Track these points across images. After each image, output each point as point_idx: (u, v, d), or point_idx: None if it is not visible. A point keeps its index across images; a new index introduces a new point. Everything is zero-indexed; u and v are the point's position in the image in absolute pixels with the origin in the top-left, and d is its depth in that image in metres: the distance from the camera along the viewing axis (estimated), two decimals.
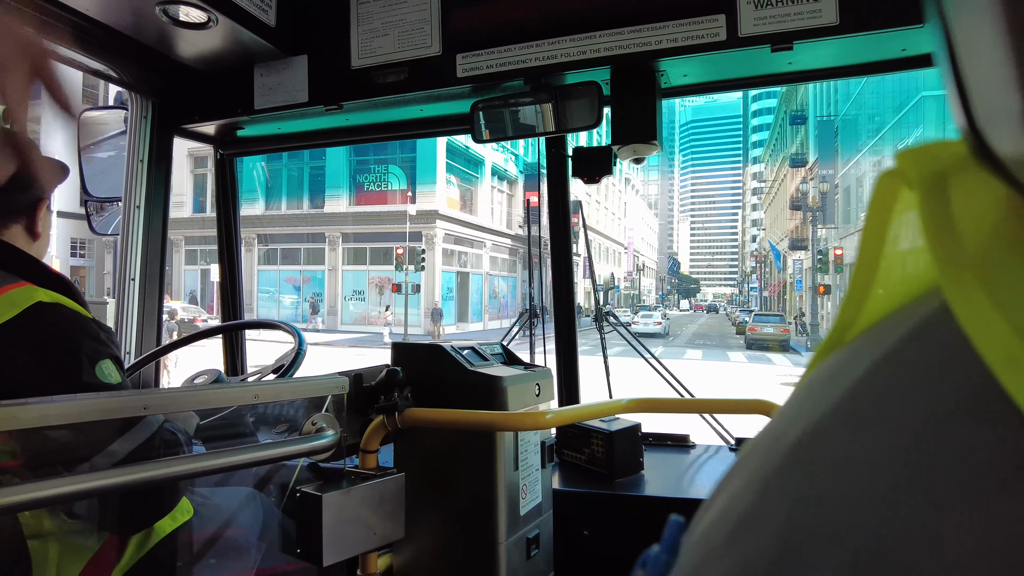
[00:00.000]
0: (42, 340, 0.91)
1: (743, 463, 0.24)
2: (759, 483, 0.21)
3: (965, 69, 0.21)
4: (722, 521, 0.22)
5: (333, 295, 24.75)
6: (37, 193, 1.08)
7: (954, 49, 0.21)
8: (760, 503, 0.20)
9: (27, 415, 0.72)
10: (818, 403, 0.21)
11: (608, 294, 8.85)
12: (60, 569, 0.91)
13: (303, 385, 1.17)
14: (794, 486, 0.20)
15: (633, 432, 1.72)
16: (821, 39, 1.35)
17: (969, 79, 0.21)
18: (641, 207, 73.78)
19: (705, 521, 0.23)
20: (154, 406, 0.86)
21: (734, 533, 0.21)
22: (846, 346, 0.24)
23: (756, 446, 0.23)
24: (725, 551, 0.21)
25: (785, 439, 0.21)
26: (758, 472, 0.22)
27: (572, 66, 1.53)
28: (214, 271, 22.87)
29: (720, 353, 20.72)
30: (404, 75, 1.67)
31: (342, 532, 1.08)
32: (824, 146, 32.06)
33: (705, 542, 0.22)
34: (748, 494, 0.21)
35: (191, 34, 1.60)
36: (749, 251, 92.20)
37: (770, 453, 0.22)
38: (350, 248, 24.74)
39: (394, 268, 21.70)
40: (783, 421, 0.23)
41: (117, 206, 1.92)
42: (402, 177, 23.73)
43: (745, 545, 0.20)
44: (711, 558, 0.21)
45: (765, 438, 0.23)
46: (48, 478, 0.76)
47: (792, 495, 0.19)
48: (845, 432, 0.19)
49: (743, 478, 0.23)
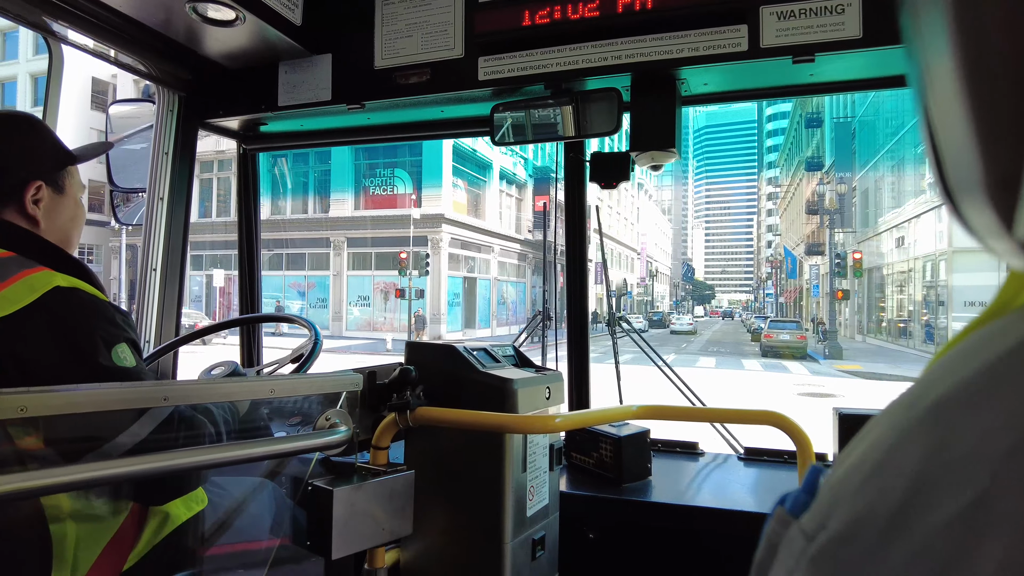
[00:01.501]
0: (60, 323, 0.93)
1: (882, 418, 0.26)
2: (897, 434, 0.24)
3: (939, 139, 0.23)
4: (860, 465, 0.24)
5: (338, 300, 24.40)
6: (23, 175, 1.08)
7: (930, 121, 0.23)
8: (896, 450, 0.23)
9: (56, 402, 0.75)
10: (965, 366, 0.23)
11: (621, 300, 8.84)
12: (78, 553, 0.94)
13: (319, 381, 1.19)
14: (928, 438, 0.22)
15: (642, 438, 1.72)
16: (844, 52, 1.35)
17: (941, 146, 0.23)
18: (655, 212, 73.39)
19: (845, 465, 0.26)
20: (174, 397, 0.88)
21: (871, 474, 0.23)
22: (1001, 319, 0.25)
23: (895, 405, 0.26)
24: (860, 489, 0.23)
25: (926, 397, 0.24)
26: (897, 425, 0.24)
27: (593, 72, 1.53)
28: (217, 276, 22.96)
29: (734, 361, 20.04)
30: (426, 76, 1.68)
31: (351, 526, 1.10)
32: (841, 148, 31.42)
33: (843, 482, 0.25)
34: (886, 443, 0.24)
35: (219, 31, 1.63)
36: (764, 257, 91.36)
37: (911, 409, 0.24)
38: (355, 253, 24.44)
39: (398, 273, 21.38)
40: (924, 384, 0.25)
41: (142, 197, 1.96)
42: (408, 181, 23.39)
43: (879, 485, 0.23)
44: (847, 495, 0.24)
45: (904, 399, 0.26)
46: (72, 462, 0.78)
47: (925, 444, 0.22)
48: (982, 395, 0.22)
49: (882, 429, 0.25)
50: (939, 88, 0.22)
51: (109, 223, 24.99)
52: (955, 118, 0.21)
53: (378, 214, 23.43)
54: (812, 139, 41.19)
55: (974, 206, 0.22)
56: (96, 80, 28.01)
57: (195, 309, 24.21)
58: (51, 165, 1.14)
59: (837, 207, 27.65)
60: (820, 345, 23.26)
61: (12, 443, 0.80)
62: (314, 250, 24.76)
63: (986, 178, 0.21)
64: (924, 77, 0.23)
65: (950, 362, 0.25)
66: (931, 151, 0.24)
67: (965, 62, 0.21)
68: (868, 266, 26.55)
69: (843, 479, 0.25)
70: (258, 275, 2.25)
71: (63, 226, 1.15)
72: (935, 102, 0.23)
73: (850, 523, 0.23)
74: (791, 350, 21.66)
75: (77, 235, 1.19)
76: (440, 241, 22.74)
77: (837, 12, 1.34)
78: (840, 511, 0.24)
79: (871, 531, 0.22)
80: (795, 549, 0.26)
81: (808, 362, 20.00)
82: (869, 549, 0.22)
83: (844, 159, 31.34)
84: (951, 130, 0.22)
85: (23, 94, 28.70)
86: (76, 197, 1.18)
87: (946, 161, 0.23)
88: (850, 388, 13.04)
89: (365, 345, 20.66)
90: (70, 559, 0.92)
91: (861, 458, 0.25)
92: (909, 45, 0.24)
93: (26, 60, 29.04)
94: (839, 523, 0.23)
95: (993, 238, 0.22)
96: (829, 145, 35.12)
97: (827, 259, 28.96)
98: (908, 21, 0.24)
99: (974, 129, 0.21)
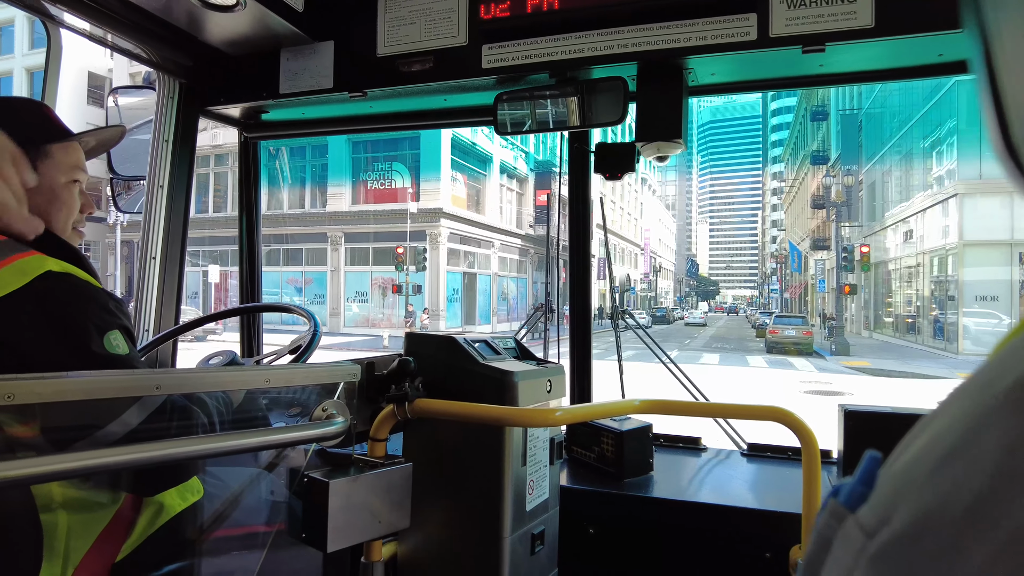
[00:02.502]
0: (51, 309, 0.91)
1: (946, 407, 0.24)
2: (971, 420, 0.22)
3: (1005, 90, 0.21)
4: (929, 453, 0.23)
5: (335, 297, 24.08)
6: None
7: (995, 69, 0.21)
8: (972, 438, 0.21)
9: (46, 389, 0.73)
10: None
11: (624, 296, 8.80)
12: (69, 543, 0.92)
13: (315, 371, 1.17)
14: (1010, 424, 0.20)
15: (644, 433, 1.70)
16: (855, 42, 1.32)
17: (1009, 100, 0.21)
18: (658, 208, 73.03)
19: (907, 456, 0.24)
20: (167, 386, 0.87)
21: (942, 464, 0.22)
22: None
23: (965, 389, 0.24)
24: (929, 481, 0.22)
25: (1000, 382, 0.22)
26: (969, 410, 0.22)
27: (598, 61, 1.51)
28: (213, 272, 22.88)
29: (739, 357, 19.74)
30: (429, 64, 1.66)
31: (348, 519, 1.09)
32: (848, 141, 31.06)
33: (907, 473, 0.23)
34: (957, 430, 0.22)
35: (220, 16, 1.60)
36: (769, 252, 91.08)
37: (981, 395, 0.22)
38: (353, 248, 24.12)
39: (394, 268, 21.10)
40: (1001, 364, 0.23)
41: (143, 185, 1.94)
42: (406, 174, 23.01)
43: (951, 476, 0.21)
44: (914, 487, 0.22)
45: (973, 384, 0.24)
46: (62, 449, 0.77)
47: (1008, 431, 0.20)
48: None
49: (950, 416, 0.23)
50: (1012, 45, 0.20)
51: (106, 219, 24.80)
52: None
53: (376, 209, 23.13)
54: (817, 132, 40.91)
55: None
56: (92, 75, 27.78)
57: (191, 306, 24.06)
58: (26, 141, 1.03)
59: (844, 200, 27.36)
60: (826, 341, 22.99)
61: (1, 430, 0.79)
62: (311, 245, 24.46)
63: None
64: (994, 33, 0.21)
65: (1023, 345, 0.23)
66: (993, 110, 0.22)
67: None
68: (875, 260, 26.32)
69: (908, 469, 0.23)
70: (259, 265, 2.24)
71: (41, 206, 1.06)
72: (1006, 59, 0.21)
73: (919, 518, 0.21)
74: (797, 346, 21.31)
75: (62, 221, 1.11)
76: (438, 236, 22.45)
77: (849, 1, 1.31)
78: (906, 505, 0.22)
79: (945, 528, 0.20)
80: (853, 546, 0.24)
81: (814, 358, 19.68)
82: (942, 548, 0.20)
83: (850, 152, 31.02)
84: None
85: (19, 88, 28.40)
86: (57, 180, 1.10)
87: (1013, 119, 0.21)
88: (858, 385, 12.85)
89: (364, 342, 20.39)
90: (61, 549, 0.91)
91: (928, 446, 0.23)
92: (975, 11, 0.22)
93: (22, 55, 28.77)
94: (905, 519, 0.22)
95: None
96: (835, 138, 34.78)
97: (833, 253, 28.73)
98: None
99: None
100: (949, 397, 0.25)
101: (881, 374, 14.98)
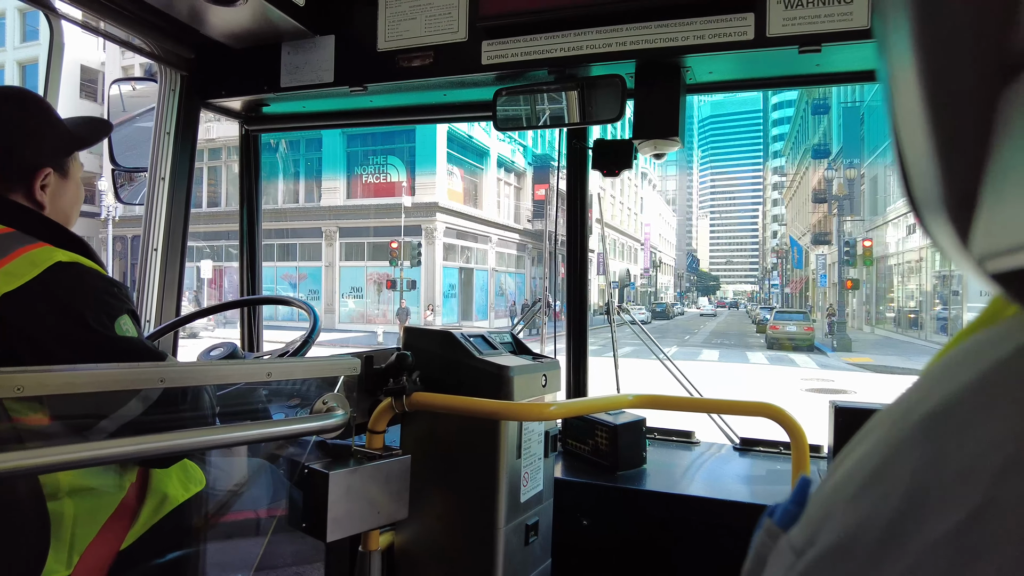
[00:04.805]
0: (63, 298, 0.94)
1: (872, 429, 0.26)
2: (888, 447, 0.23)
3: (904, 152, 0.22)
4: (850, 478, 0.24)
5: (330, 292, 23.56)
6: (31, 159, 1.07)
7: (897, 133, 0.22)
8: (888, 464, 0.23)
9: (53, 381, 0.75)
10: (955, 378, 0.23)
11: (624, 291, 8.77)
12: (75, 530, 0.95)
13: (316, 364, 1.19)
14: (921, 452, 0.22)
15: (638, 426, 1.73)
16: (851, 42, 1.33)
17: (907, 162, 0.22)
18: (658, 202, 72.74)
19: (834, 478, 0.26)
20: (171, 379, 0.89)
21: (861, 488, 0.23)
22: (995, 326, 0.25)
23: (888, 414, 0.25)
24: (851, 504, 0.23)
25: (918, 409, 0.23)
26: (887, 437, 0.24)
27: (597, 58, 1.52)
28: (204, 268, 22.58)
29: (739, 354, 19.33)
30: (429, 59, 1.67)
31: (347, 509, 1.11)
32: (850, 134, 30.59)
33: (833, 495, 0.25)
34: (876, 456, 0.23)
35: (221, 10, 1.61)
36: (770, 247, 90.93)
37: (901, 421, 0.24)
38: (348, 243, 23.38)
39: (389, 263, 20.57)
40: (918, 392, 0.25)
41: (144, 177, 1.96)
42: (401, 168, 22.46)
43: (870, 499, 0.22)
44: (837, 509, 0.24)
45: (897, 407, 0.25)
46: (68, 434, 0.79)
47: (918, 459, 0.21)
48: (976, 408, 0.21)
49: (872, 442, 0.25)
50: (903, 100, 0.21)
51: (99, 214, 24.68)
52: (918, 132, 0.21)
53: (371, 203, 22.63)
54: (819, 126, 40.68)
55: (936, 222, 0.22)
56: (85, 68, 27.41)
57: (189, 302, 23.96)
58: (61, 151, 1.13)
59: (846, 193, 27.11)
60: (827, 337, 22.70)
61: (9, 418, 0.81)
62: (305, 240, 23.96)
63: (945, 195, 0.21)
64: (890, 88, 0.22)
65: (942, 372, 0.25)
66: (898, 163, 0.23)
67: (926, 74, 0.20)
68: (877, 255, 26.16)
69: (833, 492, 0.25)
70: (259, 258, 2.26)
71: (64, 209, 1.15)
72: (900, 114, 0.22)
73: (841, 539, 0.22)
74: (798, 342, 21.00)
75: (76, 217, 1.19)
76: (434, 231, 21.98)
77: (845, 2, 1.32)
78: (830, 526, 0.23)
79: (862, 548, 0.21)
80: (784, 564, 0.25)
81: (816, 354, 19.39)
82: (861, 567, 0.21)
83: (852, 145, 30.66)
84: (914, 144, 0.21)
85: (10, 81, 28.12)
86: (78, 180, 1.18)
87: (911, 175, 0.22)
88: (861, 382, 12.58)
89: (360, 338, 20.09)
90: (67, 537, 0.93)
91: (852, 471, 0.24)
92: (878, 52, 0.23)
93: (13, 48, 28.37)
94: (829, 539, 0.23)
95: (955, 254, 0.22)
96: (837, 131, 34.41)
97: (834, 248, 28.53)
98: (878, 27, 0.23)
99: (934, 145, 0.20)
100: (873, 422, 0.26)
101: (884, 371, 14.69)
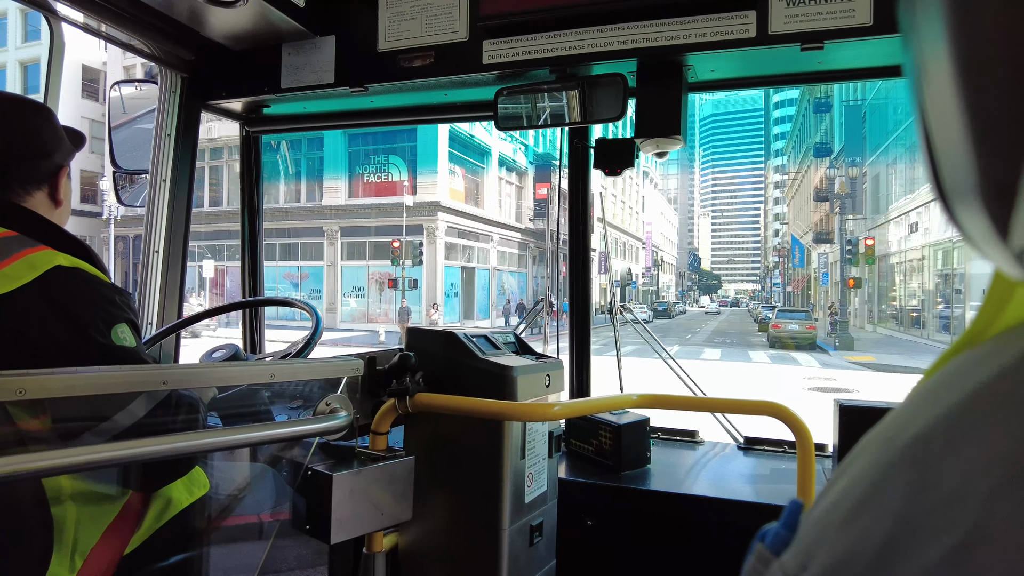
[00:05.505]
0: (61, 302, 0.93)
1: (862, 452, 0.25)
2: (876, 471, 0.23)
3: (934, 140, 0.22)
4: (840, 504, 0.24)
5: (332, 291, 23.53)
6: (58, 160, 1.12)
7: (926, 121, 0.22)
8: (877, 489, 0.22)
9: (55, 384, 0.75)
10: (940, 401, 0.23)
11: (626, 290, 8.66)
12: (78, 535, 0.94)
13: (319, 366, 1.19)
14: (908, 477, 0.21)
15: (642, 426, 1.72)
16: (853, 39, 1.32)
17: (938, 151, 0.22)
18: (660, 201, 72.69)
19: (824, 502, 0.25)
20: (173, 380, 0.88)
21: (851, 515, 0.23)
22: (979, 347, 0.24)
23: (876, 436, 0.25)
24: (841, 529, 0.23)
25: (905, 433, 0.23)
26: (876, 461, 0.24)
27: (598, 57, 1.51)
28: (207, 267, 22.66)
29: (740, 352, 19.28)
30: (430, 59, 1.67)
31: (351, 511, 1.11)
32: (852, 133, 30.55)
33: (823, 521, 0.24)
34: (865, 482, 0.23)
35: (221, 11, 1.61)
36: (772, 246, 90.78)
37: (889, 444, 0.23)
38: (349, 242, 23.51)
39: (390, 262, 20.54)
40: (904, 415, 0.24)
41: (146, 179, 1.95)
42: (403, 167, 22.46)
43: (860, 525, 0.22)
44: (828, 535, 0.23)
45: (885, 430, 0.25)
46: (69, 440, 0.79)
47: (906, 485, 0.21)
48: (962, 432, 0.21)
49: (860, 466, 0.25)
50: (935, 89, 0.21)
51: (100, 213, 24.73)
52: (951, 121, 0.20)
53: (373, 202, 22.65)
54: (820, 125, 40.61)
55: (969, 212, 0.21)
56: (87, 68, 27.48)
57: (191, 300, 23.93)
58: (70, 151, 1.17)
59: (848, 192, 27.02)
60: (830, 336, 22.56)
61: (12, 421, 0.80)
62: (307, 240, 23.96)
63: (982, 185, 0.20)
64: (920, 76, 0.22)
65: (927, 395, 0.24)
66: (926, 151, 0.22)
67: (962, 64, 0.19)
68: (879, 254, 26.10)
69: (824, 517, 0.24)
70: (261, 259, 2.25)
71: (67, 209, 1.18)
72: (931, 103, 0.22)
73: (833, 565, 0.22)
74: (800, 340, 20.88)
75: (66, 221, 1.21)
76: (436, 230, 21.97)
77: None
78: (822, 552, 0.23)
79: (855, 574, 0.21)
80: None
81: (818, 353, 19.31)
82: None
83: (854, 144, 30.59)
84: (947, 133, 0.21)
85: (12, 81, 28.15)
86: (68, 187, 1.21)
87: (941, 164, 0.22)
88: (864, 381, 12.52)
89: (361, 337, 20.08)
90: (70, 541, 0.93)
91: (842, 495, 0.24)
92: (906, 41, 0.23)
93: (15, 48, 28.48)
94: (823, 565, 0.23)
95: (988, 245, 0.21)
96: (838, 130, 34.34)
97: (836, 247, 28.44)
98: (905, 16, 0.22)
99: (970, 134, 0.20)
100: (860, 445, 0.26)
101: (886, 370, 14.60)
